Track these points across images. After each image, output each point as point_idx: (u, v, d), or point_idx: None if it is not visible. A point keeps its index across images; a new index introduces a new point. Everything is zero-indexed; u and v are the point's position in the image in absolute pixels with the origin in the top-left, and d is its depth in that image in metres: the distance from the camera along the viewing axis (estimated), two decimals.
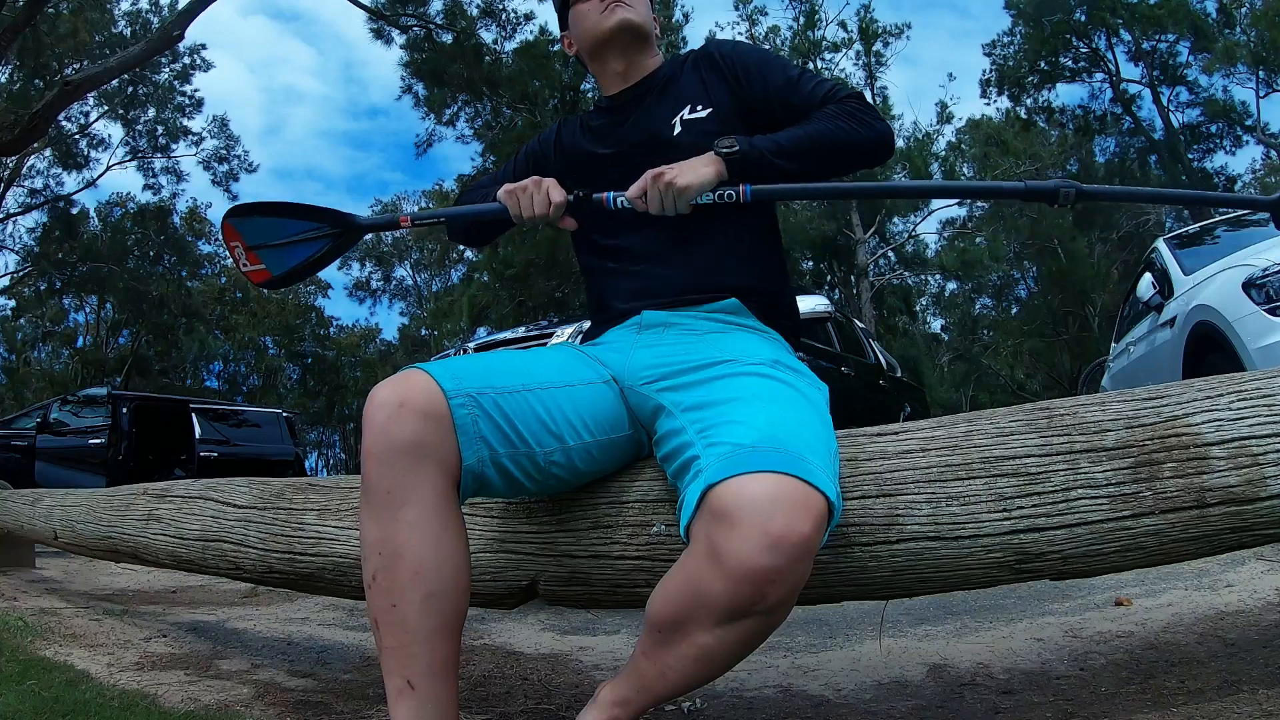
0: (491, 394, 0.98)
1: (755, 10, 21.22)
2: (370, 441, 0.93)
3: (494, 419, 0.97)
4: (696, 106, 1.22)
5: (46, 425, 7.71)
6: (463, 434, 0.94)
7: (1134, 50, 19.59)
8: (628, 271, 1.22)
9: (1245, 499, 0.90)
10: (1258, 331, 2.66)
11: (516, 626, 2.32)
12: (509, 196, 1.18)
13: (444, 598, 0.92)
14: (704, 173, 1.11)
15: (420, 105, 17.43)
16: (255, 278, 1.35)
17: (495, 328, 17.20)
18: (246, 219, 1.33)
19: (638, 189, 1.13)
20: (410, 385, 0.95)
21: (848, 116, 1.14)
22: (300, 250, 1.31)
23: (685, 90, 1.24)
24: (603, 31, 1.25)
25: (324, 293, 30.65)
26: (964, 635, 1.89)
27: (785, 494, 0.81)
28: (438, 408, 0.94)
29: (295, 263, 1.32)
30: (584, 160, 1.29)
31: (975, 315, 25.67)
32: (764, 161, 1.12)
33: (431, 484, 0.93)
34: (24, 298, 23.11)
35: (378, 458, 0.93)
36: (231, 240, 1.33)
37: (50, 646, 1.90)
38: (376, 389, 0.96)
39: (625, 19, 1.24)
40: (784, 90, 1.19)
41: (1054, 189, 1.09)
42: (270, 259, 1.33)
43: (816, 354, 4.18)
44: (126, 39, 17.58)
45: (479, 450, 0.95)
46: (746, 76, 1.21)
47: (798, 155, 1.12)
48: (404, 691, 0.89)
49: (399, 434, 0.92)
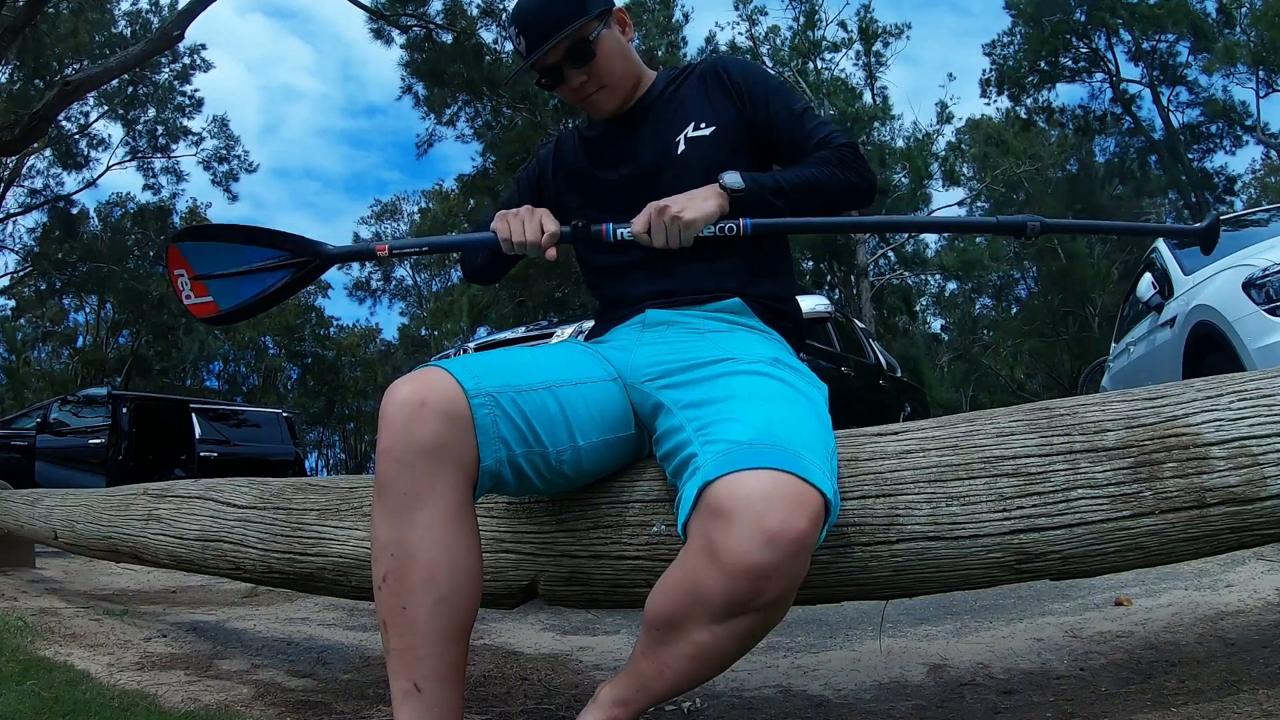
0: (510, 393, 0.97)
1: (755, 10, 21.23)
2: (389, 441, 0.92)
3: (513, 418, 0.96)
4: (700, 124, 1.22)
5: (46, 425, 7.72)
6: (482, 434, 0.94)
7: (1134, 50, 19.60)
8: (632, 270, 1.22)
9: (1245, 499, 0.90)
10: (1258, 331, 2.66)
11: (516, 626, 2.32)
12: (500, 220, 1.15)
13: (455, 601, 0.91)
14: (708, 208, 1.11)
15: (420, 105, 17.45)
16: (199, 311, 1.20)
17: (495, 328, 17.22)
18: (197, 244, 1.21)
19: (642, 223, 1.12)
20: (431, 384, 0.94)
21: (841, 164, 1.17)
22: (256, 281, 1.17)
23: (689, 105, 1.24)
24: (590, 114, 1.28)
25: (324, 293, 30.66)
26: (964, 635, 1.89)
27: (781, 490, 0.81)
28: (459, 408, 0.93)
29: (249, 296, 1.18)
30: (586, 181, 1.27)
31: (975, 315, 25.68)
32: (765, 201, 1.14)
33: (450, 486, 0.92)
34: (24, 298, 23.12)
35: (396, 458, 0.91)
36: (176, 268, 1.19)
37: (50, 646, 1.90)
38: (396, 386, 0.95)
39: (610, 111, 1.25)
40: (786, 123, 1.21)
41: (1022, 223, 1.17)
42: (220, 290, 1.18)
43: (816, 354, 4.18)
44: (126, 39, 17.60)
45: (497, 451, 0.95)
46: (753, 101, 1.22)
47: (795, 195, 1.15)
48: (410, 694, 0.89)
49: (420, 435, 0.91)
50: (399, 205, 29.57)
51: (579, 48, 1.18)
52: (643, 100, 1.27)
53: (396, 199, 30.06)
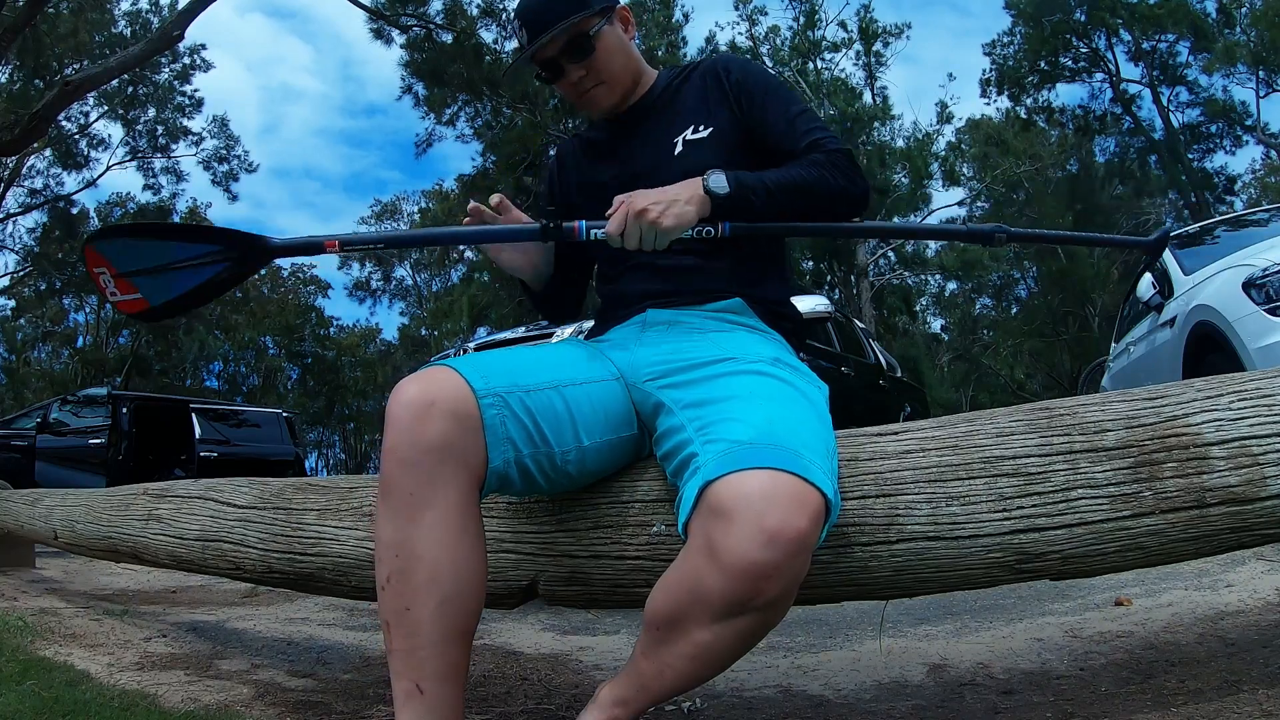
0: (519, 392, 0.97)
1: (755, 10, 21.22)
2: (395, 441, 0.91)
3: (520, 419, 0.96)
4: (699, 127, 1.22)
5: (46, 425, 7.72)
6: (491, 435, 0.93)
7: (1134, 50, 19.60)
8: (632, 270, 1.22)
9: (1245, 499, 0.90)
10: (1258, 331, 2.66)
11: (516, 626, 2.32)
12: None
13: (458, 603, 0.91)
14: (686, 212, 1.06)
15: (420, 105, 17.44)
16: (127, 308, 1.19)
17: (495, 328, 17.21)
18: (114, 241, 1.21)
19: (616, 225, 1.06)
20: (439, 384, 0.93)
21: (834, 169, 1.13)
22: (189, 276, 1.17)
23: (688, 107, 1.24)
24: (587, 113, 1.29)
25: (324, 293, 30.69)
26: (964, 635, 1.89)
27: (781, 490, 0.81)
28: (467, 408, 0.92)
29: (182, 290, 1.17)
30: (592, 189, 1.26)
31: (975, 315, 25.68)
32: (748, 204, 1.10)
33: (456, 487, 0.91)
34: (24, 298, 23.12)
35: (402, 458, 0.91)
36: (96, 266, 1.19)
37: (50, 646, 1.90)
38: (402, 386, 0.94)
39: (607, 107, 1.26)
40: (780, 125, 1.19)
41: (991, 231, 1.21)
42: (149, 286, 1.17)
43: (816, 354, 4.18)
44: (126, 39, 17.59)
45: (505, 452, 0.95)
46: (749, 102, 1.21)
47: (783, 197, 1.11)
48: (412, 695, 0.89)
49: (427, 435, 0.90)
50: (399, 205, 29.58)
51: (578, 42, 1.19)
52: (643, 100, 1.27)
53: (396, 199, 30.04)
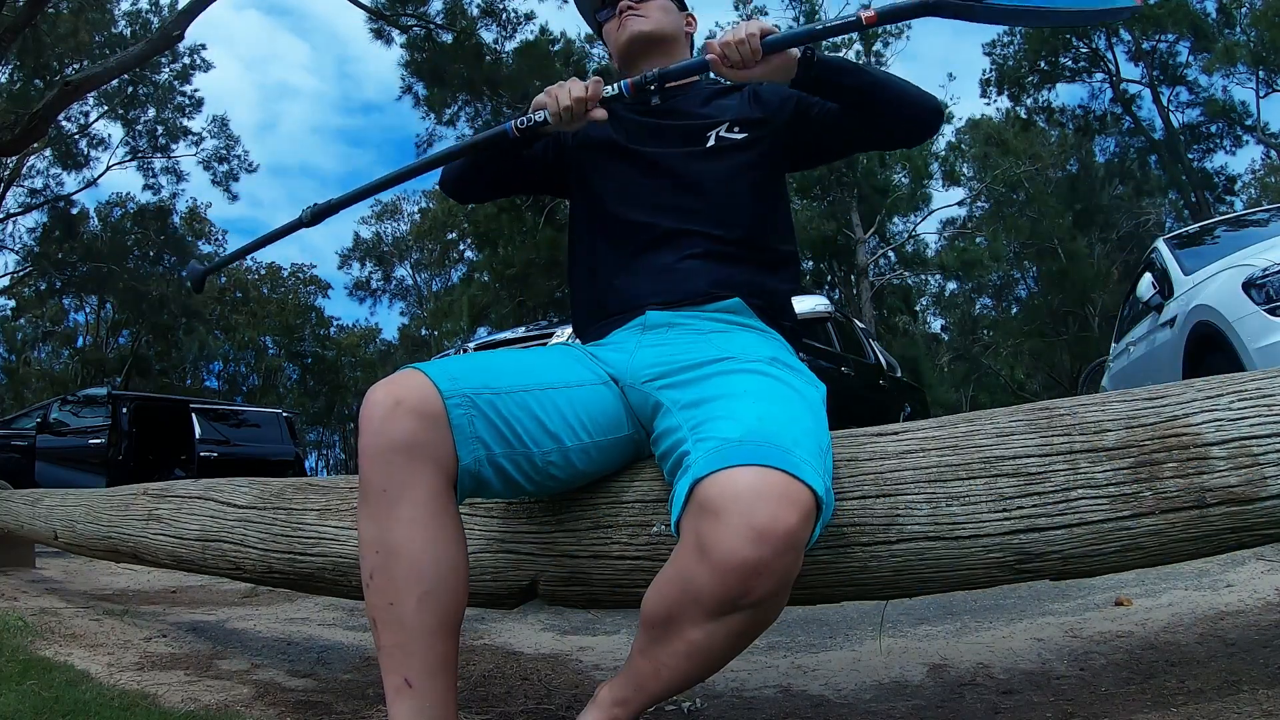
0: (488, 394, 0.98)
1: (755, 10, 21.20)
2: (366, 441, 0.94)
3: (490, 419, 0.97)
4: (735, 128, 1.25)
5: (46, 425, 7.72)
6: (459, 434, 0.95)
7: (1134, 50, 19.60)
8: (631, 272, 1.22)
9: (1245, 499, 0.90)
10: (1258, 331, 2.66)
11: (516, 626, 2.32)
12: (544, 96, 1.17)
13: (440, 596, 0.92)
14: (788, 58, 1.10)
15: (420, 105, 17.44)
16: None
17: (495, 328, 17.20)
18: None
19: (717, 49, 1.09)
20: (405, 385, 0.96)
21: (909, 84, 1.17)
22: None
23: (730, 107, 1.28)
24: (620, 45, 1.33)
25: (324, 293, 30.72)
26: (964, 635, 1.89)
27: (769, 486, 0.81)
28: (433, 407, 0.94)
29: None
30: (607, 146, 1.29)
31: (975, 315, 25.69)
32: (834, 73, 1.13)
33: (426, 483, 0.93)
34: (24, 298, 23.13)
35: (373, 457, 0.93)
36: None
37: (50, 646, 1.90)
38: (372, 389, 0.97)
39: (635, 31, 1.31)
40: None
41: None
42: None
43: (816, 354, 4.18)
44: (126, 39, 17.59)
45: (475, 450, 0.96)
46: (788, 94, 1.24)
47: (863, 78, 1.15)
48: (402, 690, 0.90)
49: (394, 433, 0.93)
50: (398, 205, 29.57)
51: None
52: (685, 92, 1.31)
53: (396, 199, 30.04)
